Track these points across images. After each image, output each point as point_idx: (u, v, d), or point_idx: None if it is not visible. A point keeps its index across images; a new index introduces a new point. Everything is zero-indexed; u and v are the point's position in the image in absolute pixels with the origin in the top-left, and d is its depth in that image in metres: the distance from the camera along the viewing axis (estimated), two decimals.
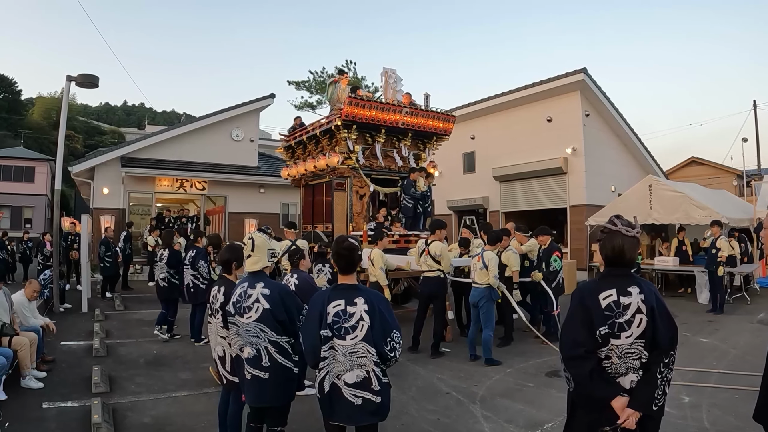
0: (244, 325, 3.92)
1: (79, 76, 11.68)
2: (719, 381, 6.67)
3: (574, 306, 3.00)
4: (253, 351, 3.88)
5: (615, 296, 2.83)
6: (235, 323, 4.00)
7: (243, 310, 3.93)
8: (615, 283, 2.88)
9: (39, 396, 6.17)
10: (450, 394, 6.45)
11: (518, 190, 20.42)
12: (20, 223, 38.11)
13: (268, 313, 3.88)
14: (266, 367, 3.87)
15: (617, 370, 2.82)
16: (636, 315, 2.78)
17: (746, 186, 24.98)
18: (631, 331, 2.78)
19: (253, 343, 3.89)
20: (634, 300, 2.80)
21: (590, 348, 2.84)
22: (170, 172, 19.81)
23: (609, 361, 2.84)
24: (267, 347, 3.88)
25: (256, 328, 3.89)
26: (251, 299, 3.94)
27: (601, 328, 2.81)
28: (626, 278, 2.89)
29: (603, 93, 18.69)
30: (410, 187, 11.29)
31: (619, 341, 2.80)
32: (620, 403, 2.76)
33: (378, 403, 3.37)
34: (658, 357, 2.76)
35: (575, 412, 3.09)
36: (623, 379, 2.81)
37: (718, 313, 11.36)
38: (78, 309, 11.96)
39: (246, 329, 3.91)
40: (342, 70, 14.14)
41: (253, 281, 4.04)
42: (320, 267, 8.16)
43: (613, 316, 2.80)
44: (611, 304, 2.82)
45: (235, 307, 3.98)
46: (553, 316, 9.24)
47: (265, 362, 3.87)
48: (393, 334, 3.38)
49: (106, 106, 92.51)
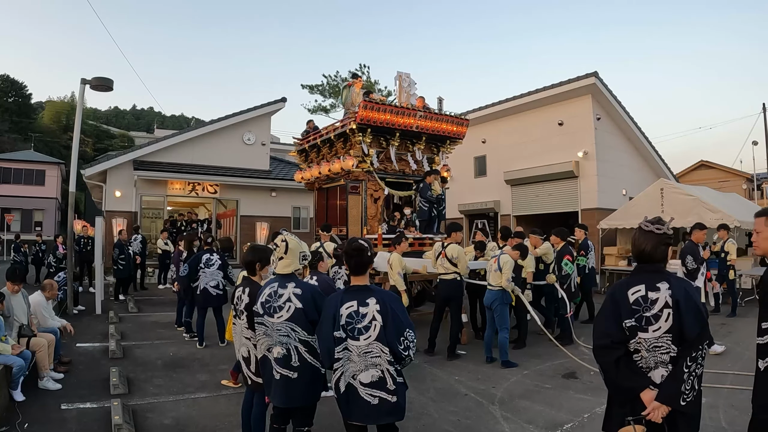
0: (274, 324, 3.92)
1: (93, 79, 11.71)
2: (734, 382, 6.68)
3: (606, 300, 3.12)
4: (283, 350, 3.88)
5: (643, 291, 2.92)
6: (263, 323, 3.98)
7: (273, 309, 3.93)
8: (644, 278, 2.98)
9: (57, 397, 6.19)
10: (469, 395, 6.44)
11: (529, 194, 20.36)
12: (31, 226, 38.38)
13: (301, 312, 3.89)
14: (296, 367, 3.87)
15: (647, 364, 2.91)
16: (664, 310, 2.85)
17: (756, 189, 24.90)
18: (658, 325, 2.86)
19: (284, 342, 3.88)
20: (662, 295, 2.87)
21: (617, 339, 2.94)
22: (182, 176, 19.87)
23: (638, 355, 2.93)
24: (297, 346, 3.88)
25: (287, 328, 3.89)
26: (282, 299, 3.94)
27: (627, 321, 2.91)
28: (656, 274, 2.99)
29: (614, 97, 18.60)
30: (427, 190, 11.28)
31: (646, 335, 2.88)
32: (648, 396, 2.84)
33: (394, 402, 3.40)
34: (685, 351, 2.81)
35: (611, 408, 3.16)
36: (653, 373, 2.89)
37: (731, 317, 11.30)
38: (92, 311, 12.01)
39: (277, 329, 3.91)
40: (356, 74, 14.07)
41: (283, 281, 4.04)
42: (336, 269, 8.18)
43: (640, 310, 2.90)
44: (639, 298, 2.92)
45: (264, 307, 3.97)
46: (567, 319, 9.24)
47: (294, 361, 3.87)
48: (407, 332, 3.40)
49: (115, 109, 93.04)
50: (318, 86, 35.94)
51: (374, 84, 34.19)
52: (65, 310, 11.23)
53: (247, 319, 4.36)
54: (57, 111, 60.27)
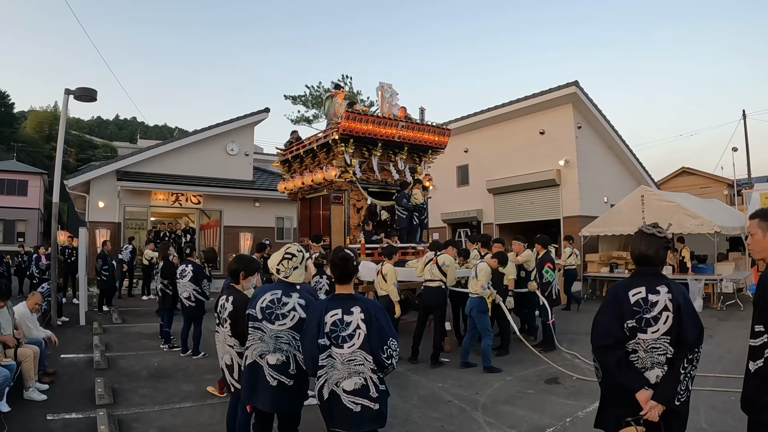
0: (274, 331, 3.96)
1: (77, 89, 11.72)
2: (716, 384, 6.81)
3: (607, 300, 3.19)
4: (282, 357, 3.95)
5: (644, 293, 3.03)
6: (261, 329, 3.99)
7: (276, 316, 3.98)
8: (645, 281, 3.09)
9: (43, 408, 6.19)
10: (452, 401, 6.54)
11: (512, 202, 20.57)
12: (13, 237, 37.92)
13: (304, 322, 3.93)
14: (292, 374, 3.95)
15: (643, 364, 3.01)
16: (663, 312, 2.97)
17: (737, 195, 25.16)
18: (657, 327, 2.97)
19: (284, 350, 3.96)
20: (662, 298, 2.99)
21: (620, 339, 3.03)
22: (166, 186, 19.86)
23: (636, 355, 3.03)
24: (296, 354, 3.95)
25: (290, 336, 3.96)
26: (287, 307, 4.00)
27: (629, 321, 3.01)
28: (656, 277, 3.11)
29: (595, 105, 18.90)
30: (403, 198, 11.42)
31: (645, 336, 2.99)
32: (644, 396, 2.93)
33: (376, 410, 3.45)
34: (683, 353, 2.92)
35: (606, 408, 3.25)
36: (649, 374, 3.00)
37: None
38: (75, 322, 11.95)
39: (277, 336, 3.96)
40: (338, 85, 14.20)
41: (287, 290, 4.09)
42: (318, 279, 8.24)
43: (640, 312, 3.00)
44: (640, 300, 3.02)
45: (264, 313, 4.00)
46: (549, 325, 9.35)
47: (292, 369, 3.95)
48: (390, 341, 3.45)
49: (98, 119, 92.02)
50: (301, 97, 36.06)
51: (357, 95, 34.32)
52: (49, 321, 11.16)
53: (231, 327, 4.42)
54: (40, 120, 59.57)
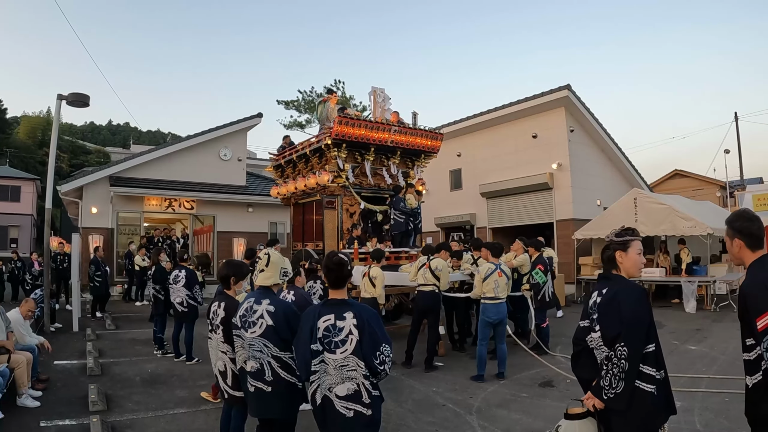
0: (248, 339, 4.01)
1: (70, 95, 11.72)
2: (710, 386, 6.88)
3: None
4: (256, 365, 3.97)
5: (595, 296, 3.27)
6: (240, 336, 4.08)
7: (248, 324, 4.01)
8: (598, 284, 3.35)
9: (36, 415, 6.18)
10: (446, 406, 6.56)
11: (505, 206, 20.64)
12: (6, 243, 37.73)
13: (272, 329, 3.96)
14: (269, 381, 3.95)
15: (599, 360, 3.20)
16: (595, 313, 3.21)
17: (730, 197, 25.27)
18: (597, 326, 3.16)
19: (257, 357, 3.97)
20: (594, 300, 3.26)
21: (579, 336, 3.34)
22: (159, 192, 19.78)
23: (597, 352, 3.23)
24: (270, 362, 3.96)
25: (260, 343, 3.97)
26: (256, 315, 4.01)
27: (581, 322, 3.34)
28: (603, 280, 3.33)
29: (587, 109, 19.00)
30: (399, 202, 11.43)
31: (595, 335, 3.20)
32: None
33: (369, 415, 3.42)
34: (607, 351, 3.08)
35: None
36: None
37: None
38: (69, 329, 11.93)
39: (250, 343, 4.00)
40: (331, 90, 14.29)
41: (259, 297, 4.11)
42: (311, 284, 8.24)
43: (591, 314, 3.25)
44: (591, 303, 3.29)
45: (240, 321, 4.06)
46: (543, 328, 9.39)
47: (268, 376, 3.95)
48: (383, 347, 3.41)
49: (91, 125, 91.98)
50: (293, 102, 36.04)
51: (349, 99, 34.35)
52: (42, 327, 11.13)
53: (223, 333, 4.43)
54: (32, 126, 59.43)
